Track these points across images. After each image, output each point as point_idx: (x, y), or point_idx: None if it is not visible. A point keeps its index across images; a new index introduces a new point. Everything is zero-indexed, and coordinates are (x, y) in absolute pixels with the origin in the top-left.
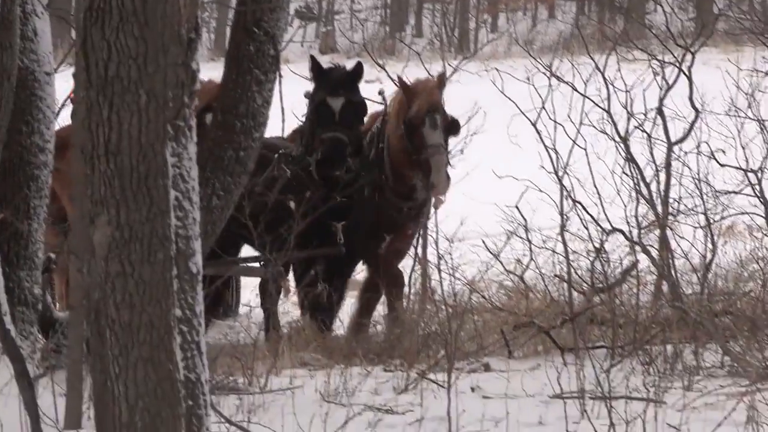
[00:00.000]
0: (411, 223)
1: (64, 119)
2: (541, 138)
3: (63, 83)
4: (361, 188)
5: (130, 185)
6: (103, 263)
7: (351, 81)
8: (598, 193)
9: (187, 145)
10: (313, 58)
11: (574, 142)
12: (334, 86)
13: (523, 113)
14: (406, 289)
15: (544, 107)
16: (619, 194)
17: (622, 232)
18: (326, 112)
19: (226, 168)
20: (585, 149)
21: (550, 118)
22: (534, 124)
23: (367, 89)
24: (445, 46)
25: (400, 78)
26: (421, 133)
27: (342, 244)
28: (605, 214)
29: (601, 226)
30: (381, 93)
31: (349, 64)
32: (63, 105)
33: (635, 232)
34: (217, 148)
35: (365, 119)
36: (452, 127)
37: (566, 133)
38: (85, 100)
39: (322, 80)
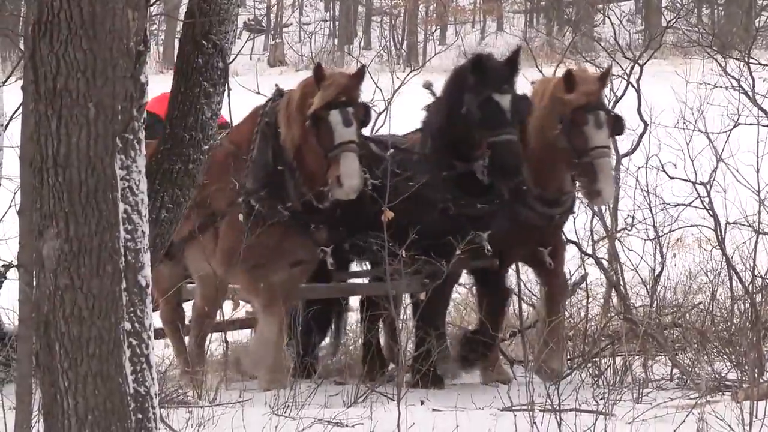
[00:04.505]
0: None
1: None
2: None
3: (12, 96)
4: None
5: (78, 198)
6: (52, 276)
7: (512, 74)
8: None
9: (135, 158)
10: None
11: None
12: (500, 80)
13: None
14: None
15: None
16: None
17: (577, 244)
18: (495, 110)
19: (175, 181)
20: None
21: None
22: None
23: None
24: (393, 59)
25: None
26: (583, 132)
27: (490, 255)
28: None
29: None
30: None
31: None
32: (12, 117)
33: (586, 244)
34: (165, 161)
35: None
36: (617, 125)
37: None
38: (34, 113)
39: (482, 72)
